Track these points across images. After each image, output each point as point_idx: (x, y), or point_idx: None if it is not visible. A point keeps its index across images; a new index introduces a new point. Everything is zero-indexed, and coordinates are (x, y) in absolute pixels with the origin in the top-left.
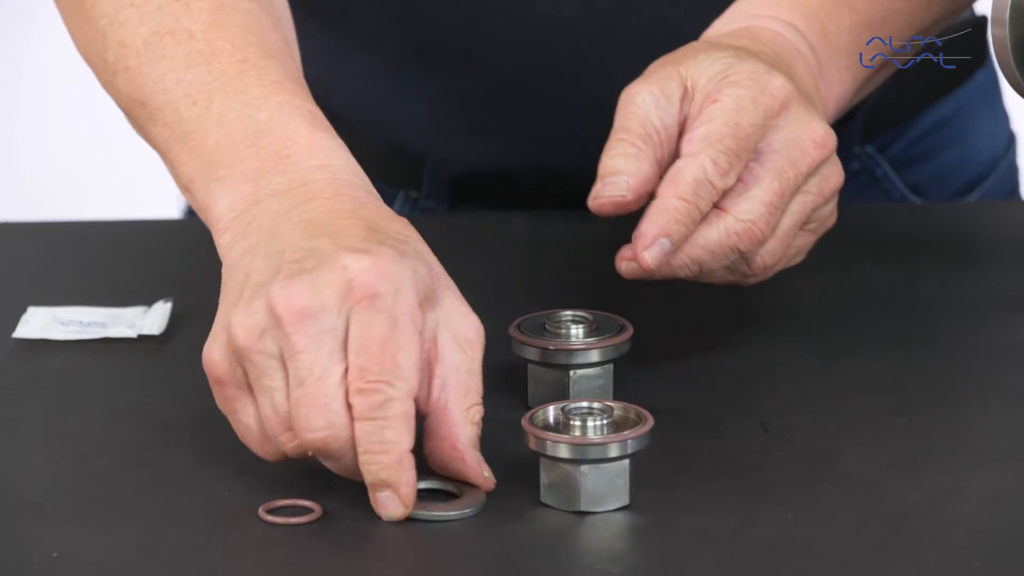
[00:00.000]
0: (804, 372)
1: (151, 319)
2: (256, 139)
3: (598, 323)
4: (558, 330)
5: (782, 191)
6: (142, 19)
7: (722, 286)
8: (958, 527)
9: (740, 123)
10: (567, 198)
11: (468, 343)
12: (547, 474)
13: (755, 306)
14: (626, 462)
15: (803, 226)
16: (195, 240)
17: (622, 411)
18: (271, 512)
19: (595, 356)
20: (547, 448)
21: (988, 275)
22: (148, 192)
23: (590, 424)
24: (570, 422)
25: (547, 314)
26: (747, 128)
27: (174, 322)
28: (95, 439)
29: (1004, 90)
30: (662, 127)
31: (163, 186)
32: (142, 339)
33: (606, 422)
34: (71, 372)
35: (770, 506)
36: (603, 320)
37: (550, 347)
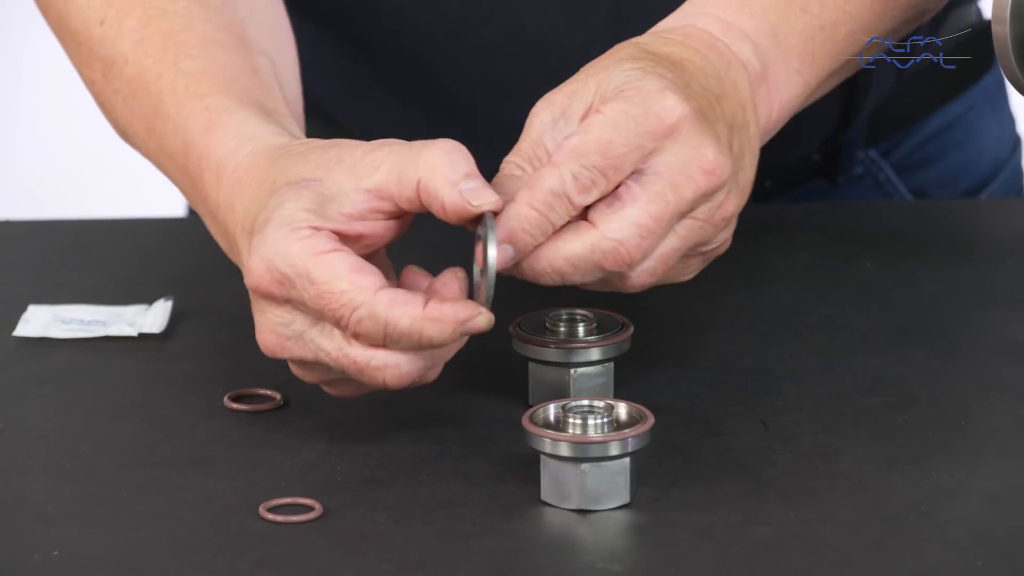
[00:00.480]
0: (805, 370)
1: (152, 317)
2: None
3: (599, 321)
4: (559, 328)
5: (659, 215)
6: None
7: (716, 281)
8: (959, 525)
9: (613, 140)
10: None
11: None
12: (548, 472)
13: (755, 304)
14: (627, 460)
15: (693, 250)
16: (196, 238)
17: (623, 409)
18: (271, 510)
19: (596, 354)
20: (548, 446)
21: (988, 273)
22: (149, 191)
23: (591, 422)
24: (571, 420)
25: (548, 312)
26: (620, 147)
27: (175, 320)
28: (96, 437)
29: (1010, 93)
30: (555, 149)
31: (164, 185)
32: (143, 337)
33: (607, 420)
34: (72, 370)
35: (771, 504)
36: (604, 318)
37: (551, 345)
